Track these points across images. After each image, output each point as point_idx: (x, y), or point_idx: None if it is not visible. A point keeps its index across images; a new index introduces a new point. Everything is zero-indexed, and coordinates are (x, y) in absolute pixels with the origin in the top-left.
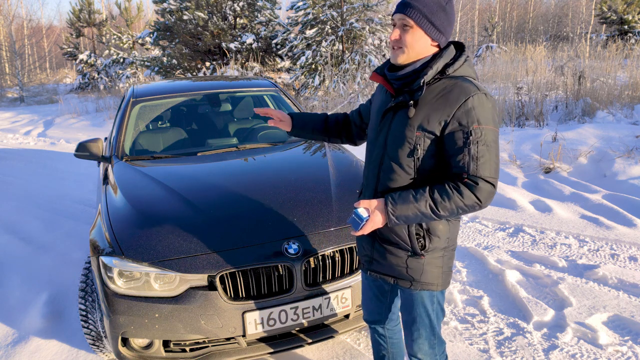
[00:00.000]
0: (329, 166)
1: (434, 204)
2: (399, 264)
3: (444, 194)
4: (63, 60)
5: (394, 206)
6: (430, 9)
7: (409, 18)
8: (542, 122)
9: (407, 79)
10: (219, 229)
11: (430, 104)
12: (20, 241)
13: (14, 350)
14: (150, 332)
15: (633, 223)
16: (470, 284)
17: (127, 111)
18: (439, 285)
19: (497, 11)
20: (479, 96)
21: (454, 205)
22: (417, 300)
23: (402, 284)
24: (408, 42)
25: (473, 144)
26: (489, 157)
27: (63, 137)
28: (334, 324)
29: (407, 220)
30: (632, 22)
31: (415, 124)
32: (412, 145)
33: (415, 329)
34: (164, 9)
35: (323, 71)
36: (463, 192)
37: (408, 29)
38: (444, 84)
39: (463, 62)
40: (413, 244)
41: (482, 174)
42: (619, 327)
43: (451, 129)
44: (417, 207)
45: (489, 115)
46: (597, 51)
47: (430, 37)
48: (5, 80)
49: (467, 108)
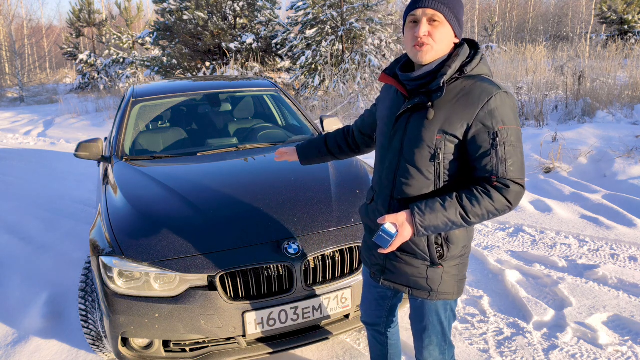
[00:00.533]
0: (329, 166)
1: (464, 211)
2: (414, 274)
3: (473, 200)
4: (63, 60)
5: (422, 217)
6: (454, 3)
7: (439, 12)
8: (542, 122)
9: (423, 80)
10: (219, 229)
11: (450, 105)
12: (20, 241)
13: (14, 350)
14: (150, 332)
15: (633, 223)
16: (470, 284)
17: (127, 111)
18: (455, 294)
19: (497, 11)
20: (501, 95)
21: (485, 210)
22: (431, 309)
23: (418, 294)
24: (437, 39)
25: (500, 145)
26: (516, 158)
27: (63, 137)
28: (334, 324)
29: (436, 230)
30: (632, 22)
31: (435, 128)
32: (432, 149)
33: (426, 336)
34: (164, 9)
35: (323, 71)
36: (494, 196)
37: (437, 24)
38: (463, 84)
39: (479, 60)
40: (432, 253)
41: (511, 176)
42: (619, 327)
43: (475, 130)
44: (446, 216)
45: (512, 115)
46: (597, 51)
47: (455, 33)
48: (5, 80)
49: (490, 108)
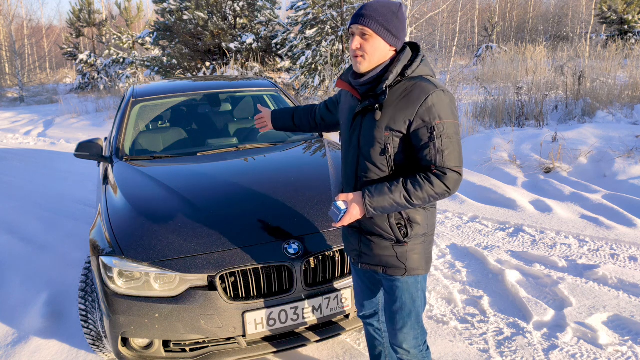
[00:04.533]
0: (329, 166)
1: (408, 194)
2: (385, 253)
3: (416, 184)
4: (63, 60)
5: (371, 198)
6: (385, 17)
7: (367, 27)
8: (542, 122)
9: (370, 84)
10: (219, 229)
11: (394, 105)
12: (20, 241)
13: (14, 350)
14: (150, 332)
15: (633, 223)
16: (470, 284)
17: (127, 111)
18: (423, 269)
19: (497, 11)
20: (437, 93)
21: (426, 194)
22: (403, 287)
23: (392, 272)
24: (368, 50)
25: (437, 138)
26: (452, 148)
27: (63, 137)
28: (334, 324)
29: (384, 210)
30: (632, 22)
31: (382, 125)
32: (382, 145)
33: (400, 318)
34: (164, 9)
35: (323, 71)
36: (433, 181)
37: (367, 37)
38: (405, 85)
39: (420, 62)
40: (395, 233)
41: (448, 164)
42: (619, 327)
43: (416, 126)
44: (392, 198)
45: (448, 110)
46: (597, 51)
47: (388, 43)
48: (5, 80)
49: (428, 106)
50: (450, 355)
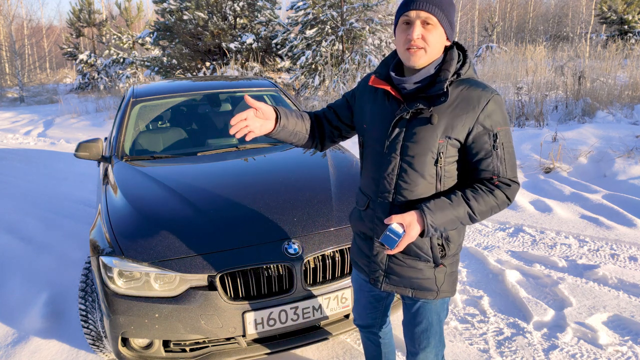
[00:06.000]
0: (329, 166)
1: (471, 209)
2: (418, 276)
3: (479, 198)
4: (63, 60)
5: (433, 216)
6: (446, 6)
7: (432, 15)
8: (542, 122)
9: (421, 84)
10: (219, 229)
11: (450, 110)
12: (20, 241)
13: (14, 350)
14: (150, 332)
15: (633, 223)
16: (470, 284)
17: (127, 111)
18: (453, 291)
19: (497, 11)
20: (496, 97)
21: (489, 207)
22: (432, 310)
23: (421, 295)
24: (431, 42)
25: (499, 146)
26: (511, 157)
27: (63, 137)
28: (334, 324)
29: (445, 229)
30: (632, 22)
31: (439, 132)
32: (435, 153)
33: (424, 338)
34: (164, 9)
35: (323, 71)
36: (496, 194)
37: (430, 27)
38: (459, 87)
39: (469, 63)
40: (435, 254)
41: (510, 175)
42: (619, 327)
43: (476, 133)
44: (455, 214)
45: (505, 116)
46: (597, 51)
47: (447, 36)
48: (5, 80)
49: (489, 111)
50: (450, 355)
